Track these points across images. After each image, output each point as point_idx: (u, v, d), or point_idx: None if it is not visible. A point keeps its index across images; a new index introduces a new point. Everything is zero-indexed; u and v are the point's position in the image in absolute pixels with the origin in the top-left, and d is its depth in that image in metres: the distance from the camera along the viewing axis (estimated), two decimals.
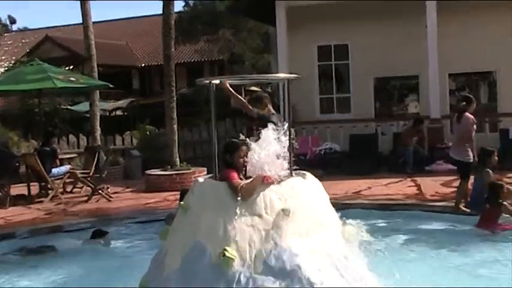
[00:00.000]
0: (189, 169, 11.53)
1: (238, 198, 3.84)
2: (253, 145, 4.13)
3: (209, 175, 4.48)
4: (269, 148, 4.10)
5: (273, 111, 6.32)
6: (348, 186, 10.00)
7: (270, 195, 3.91)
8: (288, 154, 4.14)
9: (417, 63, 13.00)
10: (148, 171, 11.75)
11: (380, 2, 12.86)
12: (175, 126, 11.94)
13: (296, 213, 3.90)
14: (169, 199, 9.79)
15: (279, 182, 4.01)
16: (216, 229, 3.81)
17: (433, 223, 7.21)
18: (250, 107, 6.10)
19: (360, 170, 11.33)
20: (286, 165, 4.15)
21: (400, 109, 14.44)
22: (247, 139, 4.26)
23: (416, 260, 5.65)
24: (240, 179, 4.02)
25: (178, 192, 6.94)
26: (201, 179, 4.30)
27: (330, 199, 4.36)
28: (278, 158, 4.10)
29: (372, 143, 12.50)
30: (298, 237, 3.85)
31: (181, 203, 4.26)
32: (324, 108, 14.54)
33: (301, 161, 4.87)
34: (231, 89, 5.49)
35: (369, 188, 9.93)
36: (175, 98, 12.01)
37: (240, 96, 6.03)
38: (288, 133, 4.18)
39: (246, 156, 4.12)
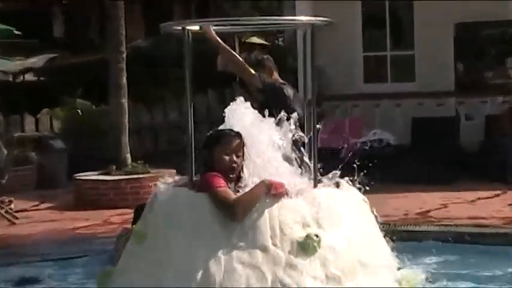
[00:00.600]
0: (148, 171, 11.67)
1: (228, 219, 3.93)
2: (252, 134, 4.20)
3: (180, 180, 4.53)
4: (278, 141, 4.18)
5: (282, 81, 6.37)
6: (408, 203, 10.06)
7: (281, 216, 3.99)
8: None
9: None
10: (78, 175, 11.85)
11: None
12: (124, 101, 12.01)
13: (323, 246, 3.97)
14: (113, 221, 9.87)
15: (295, 195, 4.08)
16: (192, 270, 3.86)
17: None
18: (252, 71, 6.10)
19: (429, 177, 11.37)
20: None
21: (497, 76, 14.40)
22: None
23: None
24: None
25: (132, 211, 6.91)
26: (163, 186, 4.34)
27: (380, 223, 4.39)
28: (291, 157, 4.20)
29: (450, 133, 12.51)
30: (325, 284, 3.91)
31: (134, 227, 4.28)
32: (370, 74, 14.51)
33: (331, 159, 4.90)
34: (219, 39, 5.48)
35: (444, 206, 9.98)
36: (124, 55, 12.02)
37: (233, 52, 6.02)
38: (310, 116, 4.20)
39: (238, 155, 4.23)
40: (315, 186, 4.31)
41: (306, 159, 4.53)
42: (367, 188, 4.60)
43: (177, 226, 4.05)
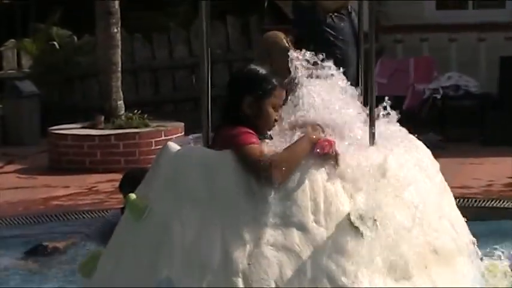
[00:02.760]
0: (147, 125, 11.79)
1: (263, 183, 3.95)
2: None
3: (192, 137, 4.58)
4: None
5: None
6: (494, 171, 10.05)
7: (328, 185, 4.00)
8: None
9: None
10: (55, 129, 11.98)
11: None
12: (115, 32, 12.09)
13: (383, 225, 3.98)
14: (101, 190, 10.01)
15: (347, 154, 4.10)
16: (206, 255, 3.89)
17: None
18: None
19: None
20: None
21: None
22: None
23: None
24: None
25: (122, 177, 7.07)
26: (174, 145, 4.36)
27: (458, 196, 4.38)
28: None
29: None
30: (387, 278, 3.94)
31: (130, 196, 4.32)
32: None
33: (394, 109, 4.90)
34: None
35: None
36: None
37: None
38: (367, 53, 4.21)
39: (279, 110, 4.33)
40: (372, 143, 4.32)
41: None
42: (440, 149, 4.60)
43: (187, 196, 4.06)
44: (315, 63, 4.47)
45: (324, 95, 4.41)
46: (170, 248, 3.99)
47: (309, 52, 4.50)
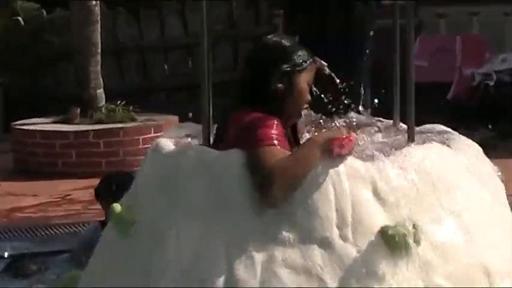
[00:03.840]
0: (133, 118, 11.91)
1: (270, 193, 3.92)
2: None
3: (188, 132, 4.63)
4: None
5: None
6: None
7: (355, 192, 4.01)
8: None
9: None
10: (20, 124, 12.08)
11: None
12: (94, 4, 12.13)
13: (425, 241, 3.99)
14: (76, 198, 10.09)
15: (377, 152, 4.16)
16: (207, 276, 3.89)
17: None
18: None
19: None
20: None
21: None
22: None
23: None
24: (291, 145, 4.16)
25: (100, 181, 7.18)
26: (168, 142, 4.38)
27: None
28: None
29: None
30: None
31: (114, 206, 4.34)
32: None
33: (435, 99, 4.94)
34: None
35: None
36: None
37: None
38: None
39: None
40: (411, 140, 4.35)
41: None
42: (495, 144, 4.60)
43: (184, 206, 4.07)
44: None
45: None
46: (164, 267, 3.99)
47: None
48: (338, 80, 4.95)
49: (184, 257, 3.94)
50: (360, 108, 5.03)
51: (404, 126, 4.55)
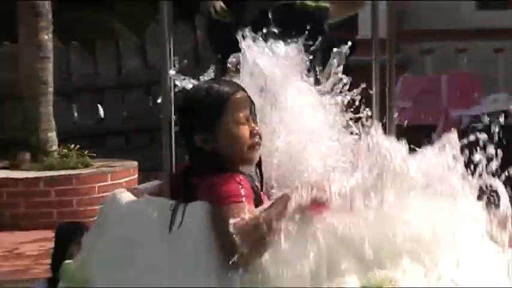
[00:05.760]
0: (87, 164, 11.91)
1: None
2: None
3: (149, 184, 4.60)
4: None
5: None
6: None
7: (332, 249, 3.99)
8: None
9: None
10: None
11: None
12: (46, 38, 12.16)
13: None
14: (25, 253, 10.03)
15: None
16: None
17: None
18: None
19: None
20: None
21: None
22: None
23: None
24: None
25: (53, 237, 7.12)
26: (125, 194, 4.34)
27: None
28: None
29: None
30: None
31: (67, 265, 4.34)
32: None
33: (418, 145, 4.95)
34: None
35: None
36: None
37: None
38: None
39: (254, 119, 4.30)
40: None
41: None
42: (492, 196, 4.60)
43: (144, 265, 4.05)
44: None
45: None
46: None
47: None
48: None
49: None
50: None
51: None
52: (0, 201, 11.41)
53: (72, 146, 12.04)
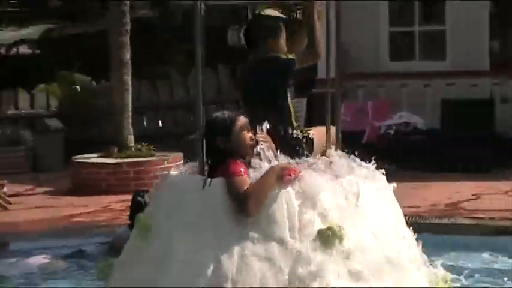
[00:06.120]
0: (152, 155, 11.74)
1: (239, 214, 3.94)
2: None
3: (189, 165, 4.53)
4: None
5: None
6: (437, 193, 10.03)
7: (301, 206, 4.00)
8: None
9: None
10: (76, 158, 11.90)
11: None
12: (127, 78, 12.07)
13: (347, 239, 3.96)
14: (113, 208, 9.93)
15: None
16: (202, 265, 3.86)
17: None
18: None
19: (461, 164, 11.36)
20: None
21: None
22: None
23: None
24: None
25: (131, 197, 7.06)
26: (175, 173, 4.34)
27: (407, 215, 4.38)
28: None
29: (484, 116, 12.40)
30: (349, 282, 3.90)
31: (138, 216, 4.30)
32: (396, 51, 14.46)
33: (354, 144, 4.91)
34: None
35: (476, 197, 9.95)
36: (128, 27, 12.06)
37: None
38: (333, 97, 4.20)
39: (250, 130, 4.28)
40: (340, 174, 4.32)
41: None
42: (393, 175, 4.57)
43: (185, 216, 4.05)
44: None
45: None
46: (169, 258, 3.96)
47: None
48: None
49: (184, 254, 3.92)
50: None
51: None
52: (100, 176, 11.34)
53: (143, 143, 11.98)
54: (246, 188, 3.97)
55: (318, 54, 5.01)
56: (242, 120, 4.27)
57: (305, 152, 4.63)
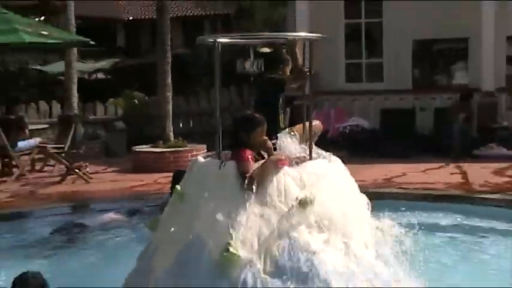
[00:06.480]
0: (185, 146, 11.62)
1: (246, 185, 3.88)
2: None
3: (210, 153, 4.49)
4: None
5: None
6: (377, 172, 9.99)
7: (286, 181, 3.94)
8: None
9: (468, 24, 12.79)
10: (135, 148, 11.83)
11: None
12: (169, 94, 11.99)
13: (317, 202, 3.92)
14: (160, 182, 9.83)
15: (296, 165, 4.07)
16: (219, 220, 3.82)
17: (481, 219, 7.24)
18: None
19: (393, 153, 11.33)
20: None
21: (444, 79, 14.30)
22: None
23: (457, 264, 5.72)
24: (257, 159, 4.04)
25: (172, 174, 6.98)
26: (201, 159, 4.30)
27: (357, 187, 4.36)
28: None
29: (409, 120, 12.48)
30: (318, 232, 3.87)
31: (176, 187, 4.25)
32: (350, 76, 14.42)
33: (321, 139, 4.87)
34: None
35: (404, 174, 9.94)
36: (169, 60, 11.99)
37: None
38: (308, 107, 4.20)
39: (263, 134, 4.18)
40: (310, 158, 4.29)
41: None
42: (347, 160, 4.54)
43: (207, 188, 4.00)
44: None
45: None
46: (198, 217, 3.94)
47: None
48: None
49: (208, 213, 3.88)
50: None
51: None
52: (151, 160, 11.28)
53: (179, 138, 11.95)
54: (251, 171, 3.90)
55: (304, 76, 4.97)
56: (262, 123, 4.16)
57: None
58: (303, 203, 3.89)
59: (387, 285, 3.84)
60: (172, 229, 4.05)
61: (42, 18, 22.25)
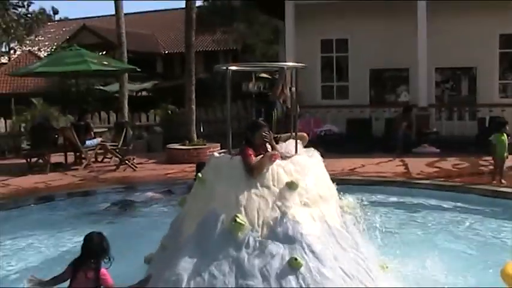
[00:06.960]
0: (205, 144, 11.51)
1: (249, 175, 3.80)
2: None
3: (223, 150, 4.43)
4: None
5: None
6: (344, 164, 9.90)
7: (278, 170, 3.87)
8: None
9: (408, 58, 12.81)
10: (168, 146, 11.70)
11: (377, 1, 12.75)
12: (193, 107, 11.96)
13: (300, 185, 3.87)
14: (187, 170, 9.75)
15: (286, 158, 3.99)
16: (229, 198, 3.77)
17: (417, 198, 7.35)
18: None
19: (355, 150, 11.24)
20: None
21: (392, 97, 14.27)
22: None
23: (398, 228, 5.84)
24: (259, 154, 3.93)
25: (195, 165, 6.97)
26: (216, 154, 4.24)
27: (329, 175, 4.32)
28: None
29: (367, 127, 12.37)
30: (301, 207, 3.81)
31: (198, 174, 4.19)
32: (325, 94, 14.38)
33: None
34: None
35: (363, 166, 9.85)
36: (194, 82, 12.02)
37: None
38: (294, 116, 4.15)
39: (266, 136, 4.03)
40: (296, 153, 4.25)
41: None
42: (322, 156, 4.48)
43: (221, 177, 3.94)
44: None
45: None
46: (214, 196, 3.87)
47: None
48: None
49: (222, 193, 3.82)
50: None
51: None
52: (180, 155, 11.16)
53: (201, 139, 11.90)
54: (252, 163, 3.81)
55: (284, 93, 5.01)
56: (263, 127, 4.05)
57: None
58: (291, 186, 3.84)
59: (349, 246, 3.81)
60: (195, 205, 4.01)
61: (104, 52, 22.31)
